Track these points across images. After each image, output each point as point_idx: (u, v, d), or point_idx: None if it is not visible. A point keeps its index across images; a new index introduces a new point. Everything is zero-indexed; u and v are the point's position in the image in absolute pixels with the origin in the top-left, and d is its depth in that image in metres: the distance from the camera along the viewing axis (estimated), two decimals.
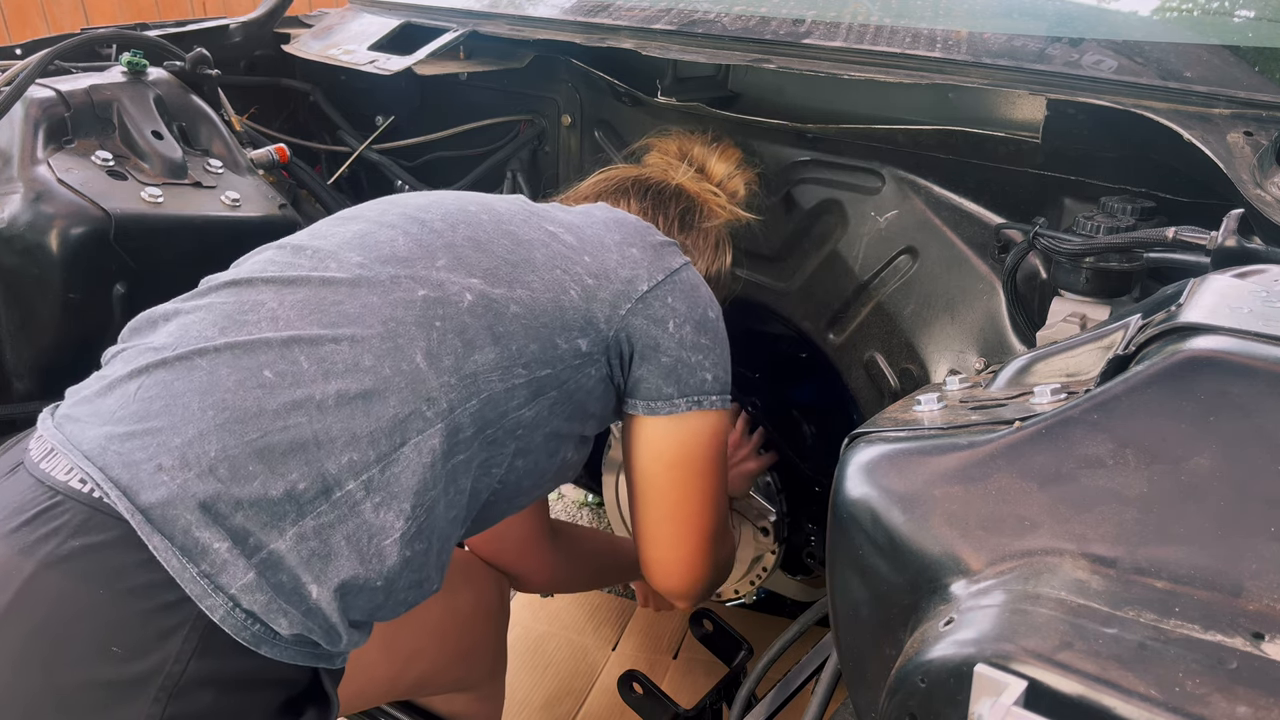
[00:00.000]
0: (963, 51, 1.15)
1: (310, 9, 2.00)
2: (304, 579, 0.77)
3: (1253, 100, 0.98)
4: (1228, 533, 0.46)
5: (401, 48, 1.54)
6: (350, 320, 0.83)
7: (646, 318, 0.95)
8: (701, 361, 0.97)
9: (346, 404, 0.80)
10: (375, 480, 0.79)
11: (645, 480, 1.02)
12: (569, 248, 0.95)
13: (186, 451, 0.76)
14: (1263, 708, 0.39)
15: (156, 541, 0.73)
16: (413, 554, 0.82)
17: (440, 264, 0.88)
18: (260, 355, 0.81)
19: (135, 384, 0.81)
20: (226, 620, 0.74)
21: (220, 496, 0.75)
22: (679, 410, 0.97)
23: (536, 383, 0.88)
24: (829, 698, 0.83)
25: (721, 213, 1.24)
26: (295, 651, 0.78)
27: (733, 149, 1.33)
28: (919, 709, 0.48)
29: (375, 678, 1.10)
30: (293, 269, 0.88)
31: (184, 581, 0.73)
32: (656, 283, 0.96)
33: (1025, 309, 1.13)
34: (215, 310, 0.86)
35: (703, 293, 1.01)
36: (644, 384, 0.96)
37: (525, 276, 0.90)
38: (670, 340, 0.95)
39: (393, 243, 0.90)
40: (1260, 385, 0.49)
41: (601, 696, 1.76)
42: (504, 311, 0.87)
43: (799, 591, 1.72)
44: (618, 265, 0.95)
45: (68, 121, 1.28)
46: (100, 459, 0.76)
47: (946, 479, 0.56)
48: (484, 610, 1.27)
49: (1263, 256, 0.76)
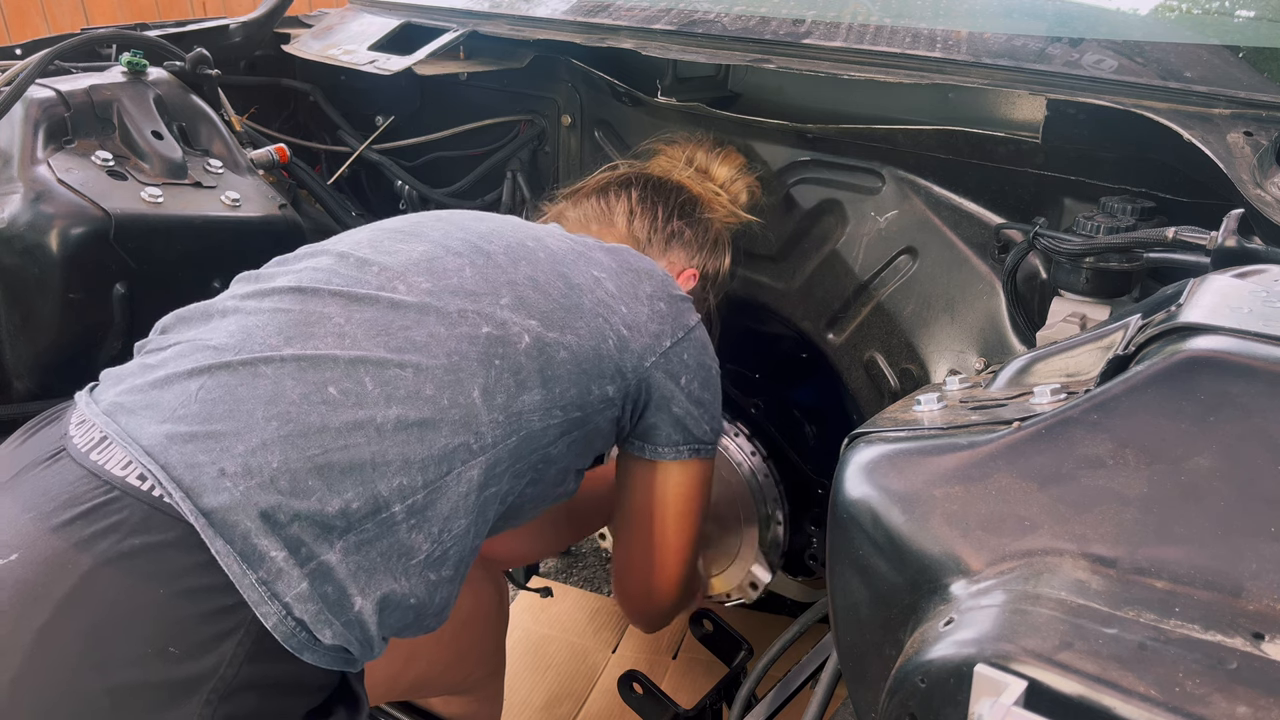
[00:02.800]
0: (963, 51, 1.15)
1: (310, 9, 2.00)
2: (350, 590, 0.78)
3: (1253, 100, 0.98)
4: (1228, 533, 0.46)
5: (401, 48, 1.54)
6: (416, 348, 0.85)
7: (665, 372, 1.00)
8: (704, 415, 1.04)
9: (404, 430, 0.81)
10: (418, 505, 0.81)
11: (638, 516, 1.09)
12: (610, 296, 0.99)
13: (250, 460, 0.77)
14: (1263, 708, 0.39)
15: (219, 545, 0.74)
16: (438, 579, 0.84)
17: (504, 302, 0.91)
18: (326, 371, 0.82)
19: (196, 383, 0.81)
20: (278, 627, 0.75)
21: (280, 507, 0.76)
22: (682, 456, 1.04)
23: (568, 423, 0.92)
24: (829, 698, 0.83)
25: (722, 209, 1.26)
26: (332, 658, 0.79)
27: (736, 154, 1.35)
28: (919, 709, 0.48)
29: (375, 679, 1.10)
30: (359, 285, 0.90)
31: (243, 587, 0.74)
32: (677, 340, 1.01)
33: (1025, 309, 1.13)
34: (280, 317, 0.86)
35: (710, 350, 1.07)
36: (656, 431, 1.02)
37: (575, 323, 0.93)
38: (682, 394, 1.01)
39: (460, 272, 0.92)
40: (1260, 385, 0.49)
41: (602, 697, 1.76)
42: (554, 356, 0.90)
43: (799, 591, 1.72)
44: (648, 319, 1.00)
45: (68, 121, 1.28)
46: (162, 457, 0.76)
47: (946, 479, 0.56)
48: (482, 612, 1.27)
49: (1263, 256, 0.76)
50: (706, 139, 1.36)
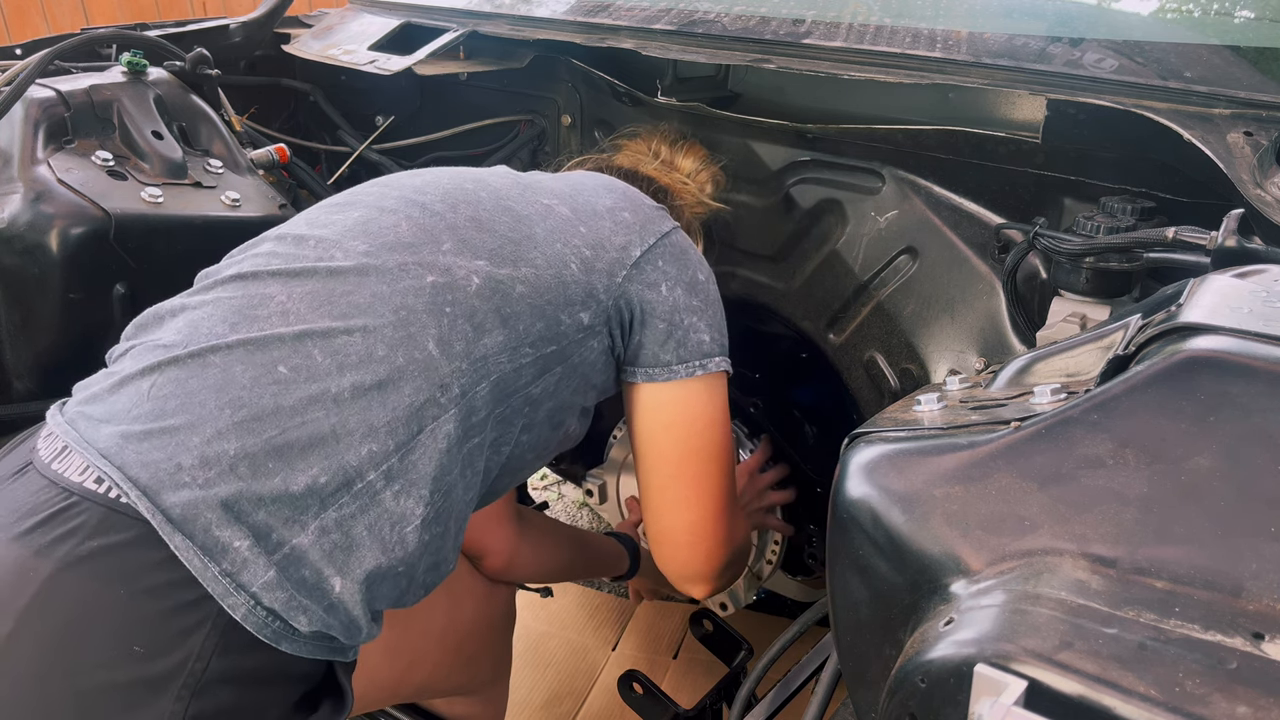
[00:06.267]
0: (963, 51, 1.15)
1: (310, 9, 2.00)
2: (327, 572, 0.77)
3: (1253, 100, 0.98)
4: (1228, 533, 0.46)
5: (401, 48, 1.54)
6: (361, 310, 0.83)
7: (641, 283, 0.95)
8: (696, 323, 0.97)
9: (362, 396, 0.80)
10: (394, 469, 0.80)
11: (647, 445, 1.02)
12: (565, 220, 0.94)
13: (205, 450, 0.76)
14: (1263, 708, 0.39)
15: (178, 541, 0.73)
16: (431, 537, 0.83)
17: (446, 248, 0.88)
18: (273, 351, 0.81)
19: (148, 382, 0.81)
20: (248, 618, 0.74)
21: (242, 494, 0.75)
22: (678, 376, 0.97)
23: (543, 360, 0.89)
24: (829, 698, 0.83)
25: (690, 198, 1.25)
26: (313, 646, 0.79)
27: (699, 146, 1.34)
28: (919, 709, 0.48)
29: (378, 682, 1.10)
30: (298, 260, 0.88)
31: (206, 581, 0.73)
32: (648, 247, 0.96)
33: (1025, 309, 1.13)
34: (224, 305, 0.85)
35: (692, 256, 1.01)
36: (643, 351, 0.96)
37: (528, 254, 0.90)
38: (664, 304, 0.95)
39: (396, 228, 0.90)
40: (1260, 385, 0.49)
41: (602, 696, 1.76)
42: (510, 292, 0.87)
43: (799, 591, 1.72)
44: (611, 232, 0.95)
45: (68, 121, 1.28)
46: (118, 458, 0.76)
47: (946, 479, 0.56)
48: (489, 616, 1.26)
49: (1263, 256, 0.76)
50: (670, 132, 1.35)
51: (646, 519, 1.07)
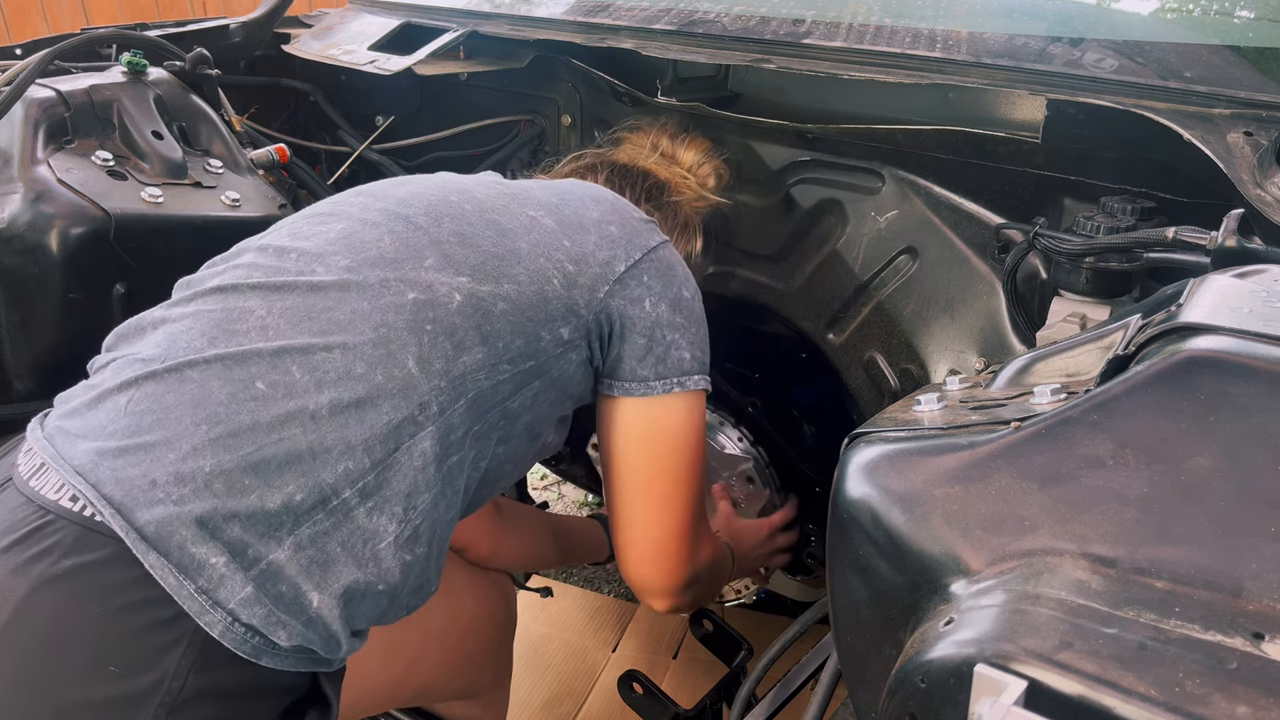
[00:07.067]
0: (963, 51, 1.15)
1: (310, 9, 2.00)
2: (304, 588, 0.76)
3: (1253, 100, 0.98)
4: (1228, 533, 0.46)
5: (401, 48, 1.54)
6: (341, 327, 0.82)
7: (624, 298, 0.94)
8: (677, 340, 0.96)
9: (340, 413, 0.79)
10: (369, 486, 0.79)
11: (618, 459, 1.00)
12: (549, 233, 0.93)
13: (181, 467, 0.75)
14: (1263, 708, 0.39)
15: (152, 559, 0.73)
16: (413, 558, 0.82)
17: (428, 263, 0.87)
18: (251, 366, 0.80)
19: (125, 397, 0.80)
20: (226, 635, 0.73)
21: (216, 511, 0.75)
22: (655, 393, 0.96)
23: (521, 375, 0.88)
24: (829, 698, 0.83)
25: (690, 193, 1.24)
26: (295, 659, 0.78)
27: (701, 139, 1.32)
28: (919, 709, 0.48)
29: (376, 685, 1.09)
30: (278, 274, 0.87)
31: (181, 598, 0.73)
32: (634, 261, 0.95)
33: (1025, 309, 1.13)
34: (203, 319, 0.84)
35: (679, 272, 1.00)
36: (622, 365, 0.95)
37: (511, 269, 0.89)
38: (645, 319, 0.94)
39: (379, 243, 0.88)
40: (1260, 385, 0.49)
41: (602, 697, 1.76)
42: (491, 309, 0.86)
43: (799, 591, 1.72)
44: (596, 246, 0.94)
45: (68, 121, 1.27)
46: (92, 475, 0.76)
47: (946, 479, 0.56)
48: (488, 619, 1.26)
49: (1263, 256, 0.76)
50: (671, 125, 1.33)
51: (613, 527, 1.06)
